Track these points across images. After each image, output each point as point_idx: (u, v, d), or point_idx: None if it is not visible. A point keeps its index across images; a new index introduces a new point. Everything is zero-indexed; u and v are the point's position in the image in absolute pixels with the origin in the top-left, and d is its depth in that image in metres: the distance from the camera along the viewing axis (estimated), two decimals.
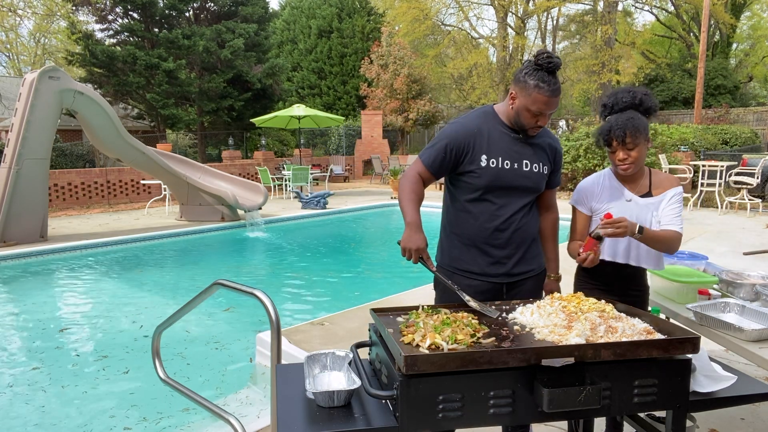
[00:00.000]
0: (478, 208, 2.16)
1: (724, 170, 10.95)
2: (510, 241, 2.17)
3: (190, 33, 18.43)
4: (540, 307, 1.90)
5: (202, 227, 9.84)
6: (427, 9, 25.50)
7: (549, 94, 1.99)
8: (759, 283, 2.63)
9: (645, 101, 2.22)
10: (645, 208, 2.28)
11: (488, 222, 2.16)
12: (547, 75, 2.00)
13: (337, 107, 27.30)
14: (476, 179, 2.13)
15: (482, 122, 2.16)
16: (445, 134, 2.16)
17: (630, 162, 2.21)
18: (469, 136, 2.12)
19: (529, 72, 2.02)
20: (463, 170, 2.14)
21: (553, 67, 2.00)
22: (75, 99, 8.24)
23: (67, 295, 6.32)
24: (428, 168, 2.16)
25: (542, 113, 2.04)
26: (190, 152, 21.54)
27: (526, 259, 2.22)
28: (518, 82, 2.06)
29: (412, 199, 2.11)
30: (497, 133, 2.15)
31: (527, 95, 2.02)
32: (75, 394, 3.72)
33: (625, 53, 24.75)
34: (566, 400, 1.50)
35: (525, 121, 2.08)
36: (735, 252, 6.87)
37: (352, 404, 1.60)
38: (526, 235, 2.21)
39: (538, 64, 2.01)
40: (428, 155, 2.17)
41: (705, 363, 1.80)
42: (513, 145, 2.15)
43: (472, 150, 2.11)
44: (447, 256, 2.27)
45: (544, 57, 2.00)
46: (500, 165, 2.12)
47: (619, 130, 2.16)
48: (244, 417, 3.01)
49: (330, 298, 6.07)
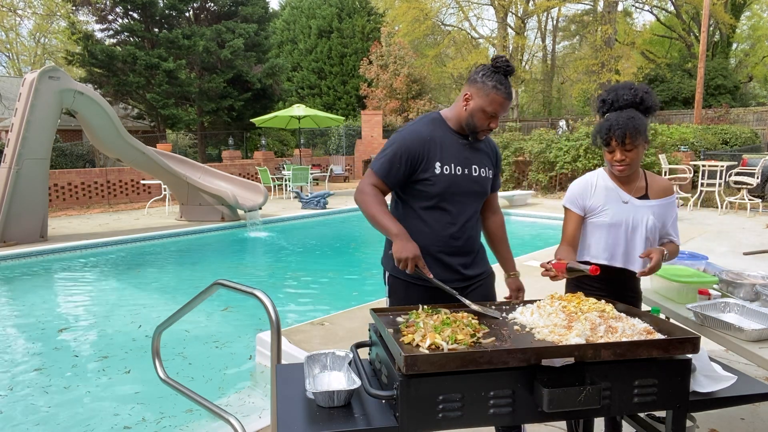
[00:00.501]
0: (433, 217, 2.14)
1: (724, 170, 10.95)
2: (463, 248, 2.19)
3: (190, 33, 18.43)
4: (540, 307, 1.90)
5: (202, 227, 9.84)
6: (427, 9, 25.52)
7: (505, 96, 2.05)
8: (759, 283, 2.63)
9: (646, 100, 2.16)
10: (641, 209, 2.24)
11: (443, 230, 2.15)
12: (504, 78, 2.06)
13: (337, 107, 27.31)
14: (431, 187, 2.11)
15: (433, 129, 2.14)
16: (398, 143, 2.11)
17: (627, 163, 2.17)
18: (422, 144, 2.10)
19: (487, 74, 2.06)
20: (417, 178, 2.11)
21: (510, 71, 2.07)
22: (75, 99, 8.24)
23: (67, 295, 6.32)
24: (384, 179, 2.11)
25: (496, 115, 2.07)
26: (190, 152, 21.54)
27: (476, 263, 2.26)
28: (474, 83, 2.07)
29: (385, 211, 2.07)
30: (448, 139, 2.15)
31: (485, 96, 2.04)
32: (75, 394, 3.72)
33: (625, 53, 24.76)
34: (566, 400, 1.50)
35: (478, 123, 2.09)
36: (735, 252, 6.87)
37: (352, 404, 1.60)
38: (476, 240, 2.27)
39: (496, 67, 2.06)
40: (382, 166, 2.11)
41: (705, 363, 1.80)
42: (462, 151, 2.16)
43: (427, 158, 2.09)
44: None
45: (503, 60, 2.06)
46: (453, 171, 2.13)
47: (619, 130, 2.10)
48: (244, 417, 3.01)
49: (330, 298, 6.07)
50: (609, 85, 22.23)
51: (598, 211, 2.26)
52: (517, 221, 11.02)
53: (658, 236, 2.30)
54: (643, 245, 2.23)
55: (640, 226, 2.22)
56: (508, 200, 11.90)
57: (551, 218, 10.51)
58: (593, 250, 2.28)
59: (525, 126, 22.92)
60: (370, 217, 2.08)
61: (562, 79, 32.67)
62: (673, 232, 2.32)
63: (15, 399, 3.65)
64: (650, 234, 2.24)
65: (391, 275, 2.25)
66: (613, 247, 2.25)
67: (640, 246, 2.23)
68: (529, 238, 9.57)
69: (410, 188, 2.15)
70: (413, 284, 2.17)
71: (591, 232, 2.30)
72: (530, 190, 13.12)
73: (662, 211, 2.27)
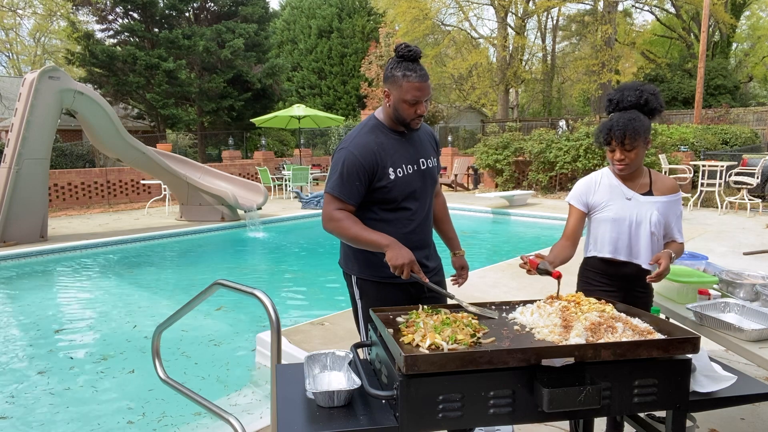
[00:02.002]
0: (394, 216, 2.16)
1: (724, 170, 10.95)
2: (422, 241, 2.23)
3: (190, 33, 18.43)
4: (540, 307, 1.90)
5: (202, 227, 9.84)
6: (427, 9, 25.50)
7: (418, 80, 2.02)
8: (759, 283, 2.63)
9: (650, 102, 2.20)
10: (645, 205, 2.29)
11: (405, 227, 2.16)
12: (412, 63, 2.04)
13: (337, 107, 27.30)
14: (388, 193, 2.12)
15: (376, 137, 2.14)
16: (349, 161, 2.08)
17: (626, 162, 2.23)
18: (373, 155, 2.09)
19: (393, 66, 2.06)
20: (374, 187, 2.12)
21: (414, 55, 2.04)
22: (75, 99, 8.24)
23: (67, 295, 6.32)
24: (347, 200, 2.09)
25: (418, 101, 2.05)
26: (190, 152, 21.52)
27: (431, 255, 2.30)
28: (387, 79, 2.09)
29: (363, 227, 2.06)
30: (391, 142, 2.15)
31: (398, 87, 2.04)
32: (75, 395, 3.72)
33: (625, 53, 24.76)
34: (566, 400, 1.50)
35: (405, 114, 2.08)
36: (735, 252, 6.87)
37: (352, 404, 1.60)
38: (430, 232, 2.32)
39: (399, 56, 2.06)
40: (342, 189, 2.08)
41: (705, 363, 1.80)
42: (407, 149, 2.17)
43: (379, 167, 2.10)
44: (367, 266, 2.20)
45: (403, 47, 2.05)
46: (406, 172, 2.14)
47: (619, 131, 2.16)
48: (244, 417, 3.01)
49: (330, 298, 6.07)
50: (609, 85, 22.13)
51: (602, 206, 2.33)
52: (517, 221, 11.02)
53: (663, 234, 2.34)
54: (648, 240, 2.28)
55: (644, 221, 2.28)
56: (508, 200, 11.90)
57: (551, 218, 10.51)
58: (598, 244, 2.36)
59: (525, 126, 22.91)
60: (352, 239, 2.07)
61: (562, 79, 32.64)
62: (678, 231, 2.36)
63: (15, 399, 3.65)
64: (655, 229, 2.29)
65: (359, 278, 2.24)
66: (617, 241, 2.32)
67: (645, 241, 2.28)
68: (529, 238, 9.57)
69: (368, 196, 2.14)
70: (385, 283, 2.18)
71: (596, 227, 2.37)
72: (530, 190, 13.12)
73: (667, 208, 2.31)
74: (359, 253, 2.21)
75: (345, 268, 2.32)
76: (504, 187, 14.62)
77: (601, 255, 2.34)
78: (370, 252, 2.13)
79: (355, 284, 2.28)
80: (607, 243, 2.32)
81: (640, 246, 2.30)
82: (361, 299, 2.27)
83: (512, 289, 5.38)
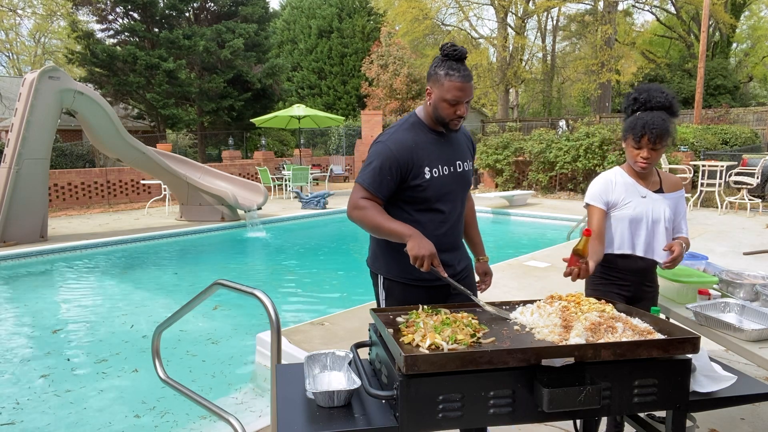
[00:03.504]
0: (427, 217, 2.14)
1: (724, 170, 10.95)
2: (452, 243, 2.22)
3: (191, 33, 18.43)
4: (540, 307, 1.90)
5: (202, 227, 9.84)
6: (426, 9, 25.50)
7: (460, 80, 2.00)
8: (759, 283, 2.63)
9: (674, 105, 2.29)
10: (659, 202, 2.37)
11: (437, 229, 2.14)
12: (456, 63, 2.02)
13: (337, 107, 27.30)
14: (422, 192, 2.10)
15: (415, 134, 2.12)
16: (384, 154, 2.06)
17: (650, 162, 2.29)
18: (409, 152, 2.07)
19: (437, 64, 2.05)
20: (408, 185, 2.09)
21: (459, 55, 2.02)
22: (75, 99, 8.24)
23: (67, 296, 6.32)
24: (375, 193, 2.06)
25: (459, 101, 2.03)
26: (190, 152, 21.52)
27: (461, 257, 2.28)
28: (430, 77, 2.08)
29: (387, 218, 2.03)
30: (430, 141, 2.13)
31: (440, 86, 2.02)
32: (75, 395, 3.72)
33: (625, 53, 24.75)
34: (566, 400, 1.50)
35: (444, 113, 2.06)
36: (735, 252, 6.87)
37: (352, 404, 1.60)
38: (461, 235, 2.30)
39: (445, 55, 2.04)
40: (373, 181, 2.06)
41: (705, 363, 1.80)
42: (445, 149, 2.16)
43: (414, 165, 2.07)
44: (396, 267, 2.17)
45: (449, 46, 2.03)
46: (442, 173, 2.12)
47: (656, 129, 2.21)
48: (244, 417, 3.01)
49: (330, 298, 6.07)
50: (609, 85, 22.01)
51: (621, 204, 2.38)
52: (517, 221, 11.02)
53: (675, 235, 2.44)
54: (664, 237, 2.36)
55: (661, 219, 2.35)
56: (508, 200, 11.90)
57: (551, 218, 10.51)
58: (616, 242, 2.39)
59: (525, 126, 22.90)
60: (374, 228, 2.04)
61: (562, 79, 32.65)
62: (684, 226, 2.45)
63: (15, 398, 3.65)
64: (669, 224, 2.38)
65: (386, 278, 2.21)
66: (635, 238, 2.37)
67: (661, 237, 2.36)
68: (529, 238, 9.57)
69: (401, 195, 2.12)
70: (411, 285, 2.16)
71: (614, 225, 2.40)
72: (530, 190, 13.12)
73: (675, 205, 2.42)
74: (387, 252, 2.19)
75: (372, 267, 2.30)
76: (504, 187, 14.62)
77: (620, 252, 2.39)
78: (399, 252, 2.05)
79: (381, 284, 2.25)
80: (627, 240, 2.37)
81: (657, 243, 2.36)
82: (386, 300, 2.24)
83: (512, 289, 5.39)
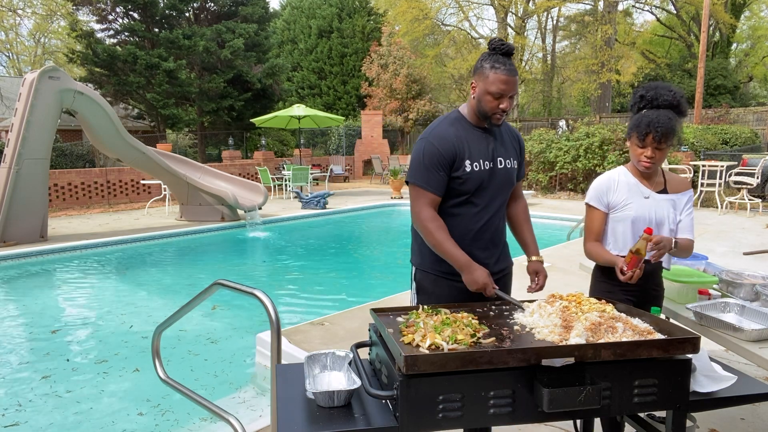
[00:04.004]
0: (462, 211, 2.16)
1: (724, 170, 10.95)
2: (491, 241, 2.21)
3: (191, 33, 18.42)
4: (540, 307, 1.90)
5: (202, 227, 9.83)
6: (427, 9, 25.50)
7: (505, 73, 2.02)
8: (759, 283, 2.63)
9: (682, 104, 2.22)
10: (662, 203, 2.33)
11: (472, 224, 2.16)
12: (502, 57, 2.05)
13: (337, 107, 27.30)
14: (461, 185, 2.12)
15: (457, 129, 2.15)
16: (428, 152, 2.11)
17: (654, 161, 2.24)
18: (450, 145, 2.11)
19: (484, 58, 2.08)
20: (450, 177, 2.13)
21: (507, 49, 2.05)
22: (75, 99, 8.24)
23: (67, 296, 6.32)
24: (436, 193, 2.12)
25: (503, 95, 2.04)
26: (190, 152, 21.53)
27: (501, 257, 2.28)
28: (476, 71, 2.11)
29: (447, 238, 2.08)
30: (471, 135, 2.15)
31: (485, 78, 2.05)
32: (75, 395, 3.72)
33: (625, 53, 24.75)
34: (566, 400, 1.50)
35: (487, 107, 2.07)
36: (735, 252, 6.87)
37: (352, 404, 1.60)
38: (502, 233, 2.28)
39: (492, 49, 2.07)
40: (431, 180, 2.11)
41: (705, 363, 1.80)
42: (487, 145, 2.17)
43: (457, 157, 2.11)
44: (428, 259, 2.22)
45: (497, 41, 2.07)
46: (482, 167, 2.14)
47: (661, 128, 2.16)
48: (244, 417, 3.01)
49: (330, 298, 6.07)
50: (609, 85, 22.00)
51: (622, 205, 2.34)
52: None
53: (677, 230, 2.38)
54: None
55: (665, 220, 2.31)
56: None
57: (551, 218, 10.51)
58: (619, 243, 2.36)
59: (525, 126, 22.91)
60: (434, 245, 2.10)
61: (562, 79, 32.65)
62: (689, 229, 2.38)
63: (14, 398, 3.65)
64: (673, 226, 2.35)
65: (419, 269, 2.27)
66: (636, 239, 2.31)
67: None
68: None
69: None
70: (440, 277, 2.20)
71: (615, 226, 2.37)
72: (530, 190, 13.12)
73: (680, 206, 2.37)
74: (422, 245, 2.24)
75: (411, 260, 2.35)
76: None
77: (623, 254, 2.33)
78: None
79: (413, 276, 2.31)
80: (629, 242, 2.33)
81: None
82: (418, 294, 2.28)
83: (513, 288, 5.37)
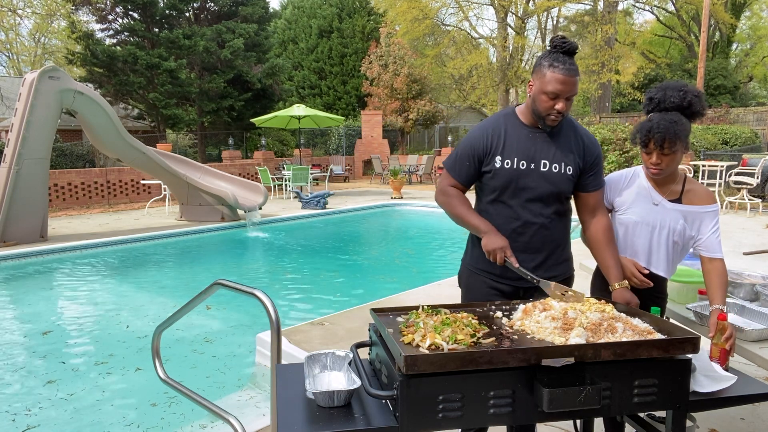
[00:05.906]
0: (496, 210, 2.16)
1: (724, 170, 10.95)
2: (529, 245, 2.13)
3: (191, 33, 18.42)
4: (535, 307, 1.89)
5: (202, 227, 9.83)
6: (427, 9, 25.48)
7: (564, 73, 1.93)
8: (759, 283, 2.63)
9: (694, 104, 2.08)
10: (671, 212, 2.19)
11: (506, 224, 2.13)
12: (563, 56, 1.97)
13: (337, 107, 27.31)
14: (491, 180, 2.13)
15: (500, 123, 2.14)
16: (465, 141, 2.19)
17: (662, 167, 2.11)
18: (485, 138, 2.12)
19: (544, 56, 2.02)
20: (481, 171, 2.16)
21: (568, 48, 1.97)
22: (75, 99, 8.24)
23: (67, 296, 6.32)
24: (456, 178, 2.18)
25: (558, 95, 1.95)
26: (190, 152, 21.52)
27: (547, 264, 2.17)
28: (535, 69, 2.05)
29: (469, 210, 2.14)
30: (515, 132, 2.11)
31: (542, 77, 1.98)
32: (75, 395, 3.72)
33: (625, 53, 24.74)
34: (566, 400, 1.50)
35: (542, 107, 2.00)
36: (735, 252, 6.86)
37: (352, 404, 1.60)
38: (547, 240, 2.15)
39: (553, 47, 2.00)
40: (452, 165, 2.19)
41: (705, 363, 1.80)
42: (532, 144, 2.10)
43: (488, 151, 2.11)
44: (469, 255, 2.29)
45: (558, 39, 1.99)
46: (515, 166, 2.08)
47: (659, 134, 2.04)
48: (244, 417, 3.01)
49: (330, 298, 6.07)
50: (609, 85, 21.94)
51: (625, 208, 2.27)
52: None
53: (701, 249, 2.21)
54: (667, 248, 2.23)
55: (667, 228, 2.20)
56: None
57: None
58: (619, 247, 2.27)
59: None
60: (456, 217, 2.15)
61: None
62: (715, 247, 2.17)
63: (15, 397, 3.65)
64: (678, 238, 2.21)
65: (462, 264, 2.33)
66: (636, 245, 2.26)
67: (665, 248, 2.23)
68: None
69: (479, 180, 2.22)
70: (473, 272, 2.24)
71: (615, 228, 2.29)
72: None
73: (697, 219, 2.19)
74: (469, 241, 2.29)
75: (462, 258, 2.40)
76: None
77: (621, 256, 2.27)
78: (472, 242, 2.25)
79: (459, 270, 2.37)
80: (629, 246, 2.26)
81: (660, 253, 2.23)
82: (459, 286, 2.35)
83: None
